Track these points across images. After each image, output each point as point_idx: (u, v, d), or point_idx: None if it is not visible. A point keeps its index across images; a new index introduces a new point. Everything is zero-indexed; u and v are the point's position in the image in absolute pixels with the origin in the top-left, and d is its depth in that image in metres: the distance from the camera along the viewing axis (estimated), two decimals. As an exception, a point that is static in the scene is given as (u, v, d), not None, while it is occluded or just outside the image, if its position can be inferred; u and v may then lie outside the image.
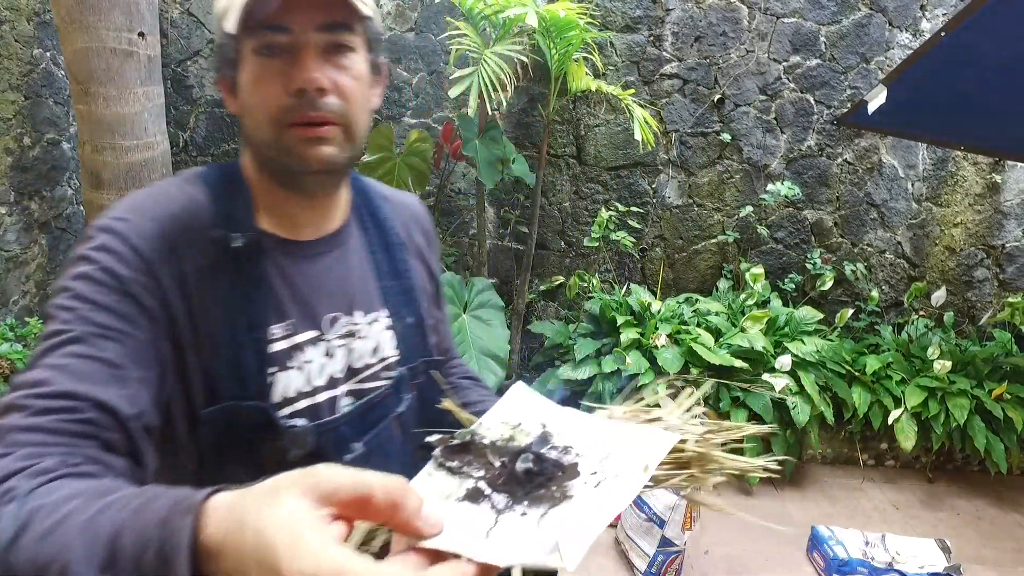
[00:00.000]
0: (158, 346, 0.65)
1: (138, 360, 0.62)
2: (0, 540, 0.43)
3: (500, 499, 0.44)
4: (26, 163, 2.92)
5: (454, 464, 0.47)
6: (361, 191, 0.89)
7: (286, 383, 0.73)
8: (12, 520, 0.44)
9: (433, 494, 0.45)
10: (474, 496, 0.44)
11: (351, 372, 0.80)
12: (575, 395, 3.07)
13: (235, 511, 0.39)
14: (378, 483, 0.38)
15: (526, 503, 0.43)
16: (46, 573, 0.41)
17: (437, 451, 0.47)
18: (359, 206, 0.87)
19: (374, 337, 0.82)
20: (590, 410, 0.58)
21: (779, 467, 0.67)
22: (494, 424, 0.50)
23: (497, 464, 0.46)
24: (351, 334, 0.80)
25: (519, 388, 0.54)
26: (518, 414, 0.51)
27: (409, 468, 0.77)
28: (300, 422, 0.73)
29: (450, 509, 0.43)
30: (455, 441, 0.48)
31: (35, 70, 2.95)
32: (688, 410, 0.89)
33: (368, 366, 0.82)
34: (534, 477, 0.45)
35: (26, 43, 2.89)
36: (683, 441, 0.69)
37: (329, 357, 0.77)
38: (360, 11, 0.68)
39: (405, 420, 0.87)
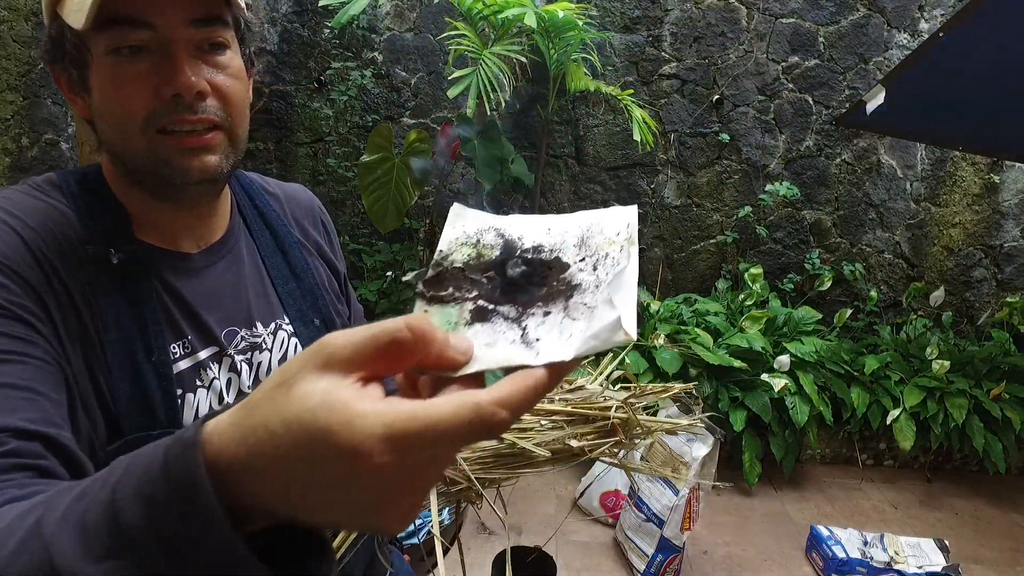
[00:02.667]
0: (63, 369, 0.57)
1: (46, 382, 0.55)
2: None
3: (509, 310, 0.41)
4: (24, 163, 2.92)
5: (444, 292, 0.43)
6: (244, 190, 0.82)
7: (195, 404, 0.68)
8: None
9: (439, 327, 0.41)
10: (481, 315, 0.41)
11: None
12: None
13: (247, 423, 0.33)
14: (399, 324, 0.33)
15: (539, 304, 0.41)
16: None
17: (419, 286, 0.44)
18: (244, 207, 0.80)
19: (279, 348, 0.78)
20: None
21: (695, 395, 0.69)
22: (452, 248, 0.47)
23: (484, 280, 0.43)
24: (254, 347, 0.75)
25: (457, 208, 0.50)
26: (470, 232, 0.48)
27: None
28: None
29: (465, 335, 0.40)
30: (429, 272, 0.45)
31: (33, 70, 2.94)
32: (608, 376, 0.90)
33: None
34: (531, 278, 0.43)
35: (24, 43, 2.88)
36: (606, 408, 0.70)
37: (235, 372, 0.72)
38: (234, 0, 0.62)
39: None
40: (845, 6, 3.32)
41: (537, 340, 0.38)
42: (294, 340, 0.79)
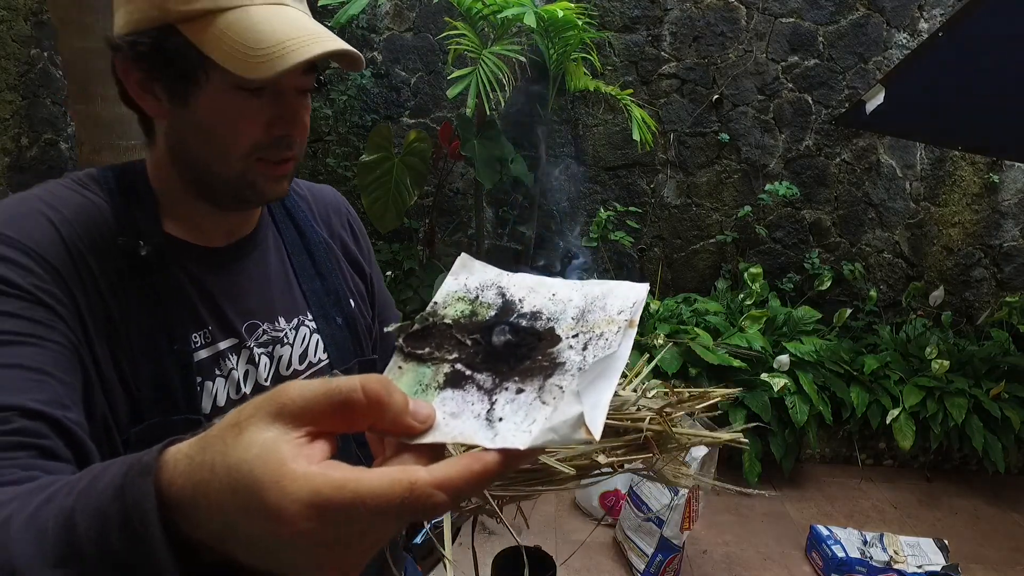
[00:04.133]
0: (80, 355, 0.60)
1: (59, 365, 0.57)
2: None
3: (485, 379, 0.39)
4: (24, 163, 2.91)
5: (423, 351, 0.41)
6: None
7: (214, 392, 0.71)
8: None
9: (409, 387, 0.40)
10: (455, 380, 0.39)
11: (279, 379, 0.76)
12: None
13: (198, 458, 0.33)
14: (354, 385, 0.33)
15: (516, 379, 0.39)
16: None
17: (400, 340, 0.42)
18: (273, 206, 0.84)
19: (300, 343, 0.80)
20: None
21: (745, 441, 0.65)
22: (449, 301, 0.45)
23: (469, 342, 0.41)
24: (275, 341, 0.77)
25: (463, 259, 0.49)
26: (471, 286, 0.47)
27: (353, 450, 0.78)
28: None
29: (435, 400, 0.38)
30: (415, 326, 0.43)
31: (32, 70, 2.94)
32: (644, 379, 0.85)
33: (297, 373, 0.79)
34: (515, 349, 0.40)
35: (23, 43, 2.88)
36: (639, 420, 0.67)
37: (253, 364, 0.75)
38: (359, 62, 0.67)
39: None
40: (844, 6, 3.32)
41: (500, 420, 0.36)
42: (316, 336, 0.82)
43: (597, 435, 0.33)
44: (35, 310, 0.58)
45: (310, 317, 0.82)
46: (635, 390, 0.80)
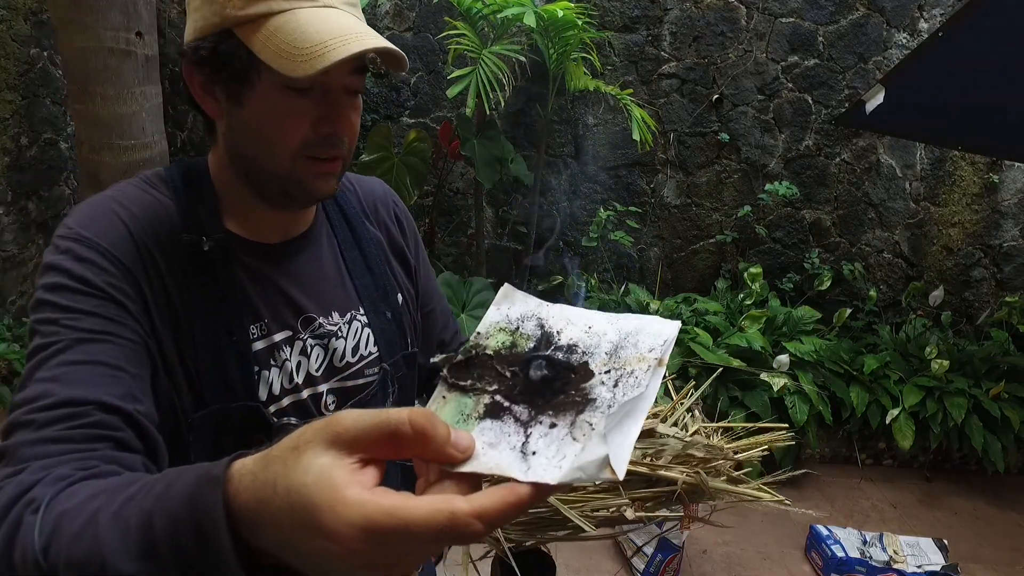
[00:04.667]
0: (148, 347, 0.65)
1: (131, 359, 0.63)
2: (33, 549, 0.44)
3: (522, 411, 0.42)
4: (23, 163, 2.91)
5: (465, 382, 0.44)
6: None
7: (270, 381, 0.75)
8: (40, 529, 0.44)
9: (451, 416, 0.43)
10: (494, 411, 0.42)
11: (332, 371, 0.81)
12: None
13: (261, 475, 0.37)
14: (402, 418, 0.36)
15: (550, 412, 0.41)
16: (85, 572, 0.42)
17: (444, 371, 0.45)
18: (327, 203, 0.87)
19: (353, 336, 0.83)
20: None
21: (787, 501, 0.61)
22: (491, 331, 0.48)
23: (508, 374, 0.44)
24: (329, 334, 0.81)
25: (506, 289, 0.51)
26: (512, 317, 0.49)
27: (398, 463, 0.76)
28: (293, 420, 0.74)
29: (474, 429, 0.41)
30: (459, 357, 0.46)
31: (32, 70, 2.94)
32: (686, 411, 0.82)
33: (349, 365, 0.83)
34: (551, 383, 0.43)
35: (23, 42, 2.88)
36: (671, 468, 0.63)
37: (305, 356, 0.78)
38: (403, 62, 0.69)
39: None
40: (844, 6, 3.32)
41: (533, 454, 0.39)
42: (367, 331, 0.85)
43: (621, 475, 0.36)
44: (109, 307, 0.63)
45: (362, 312, 0.85)
46: (676, 423, 0.76)
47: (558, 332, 0.47)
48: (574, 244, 3.59)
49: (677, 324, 0.47)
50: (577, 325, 0.48)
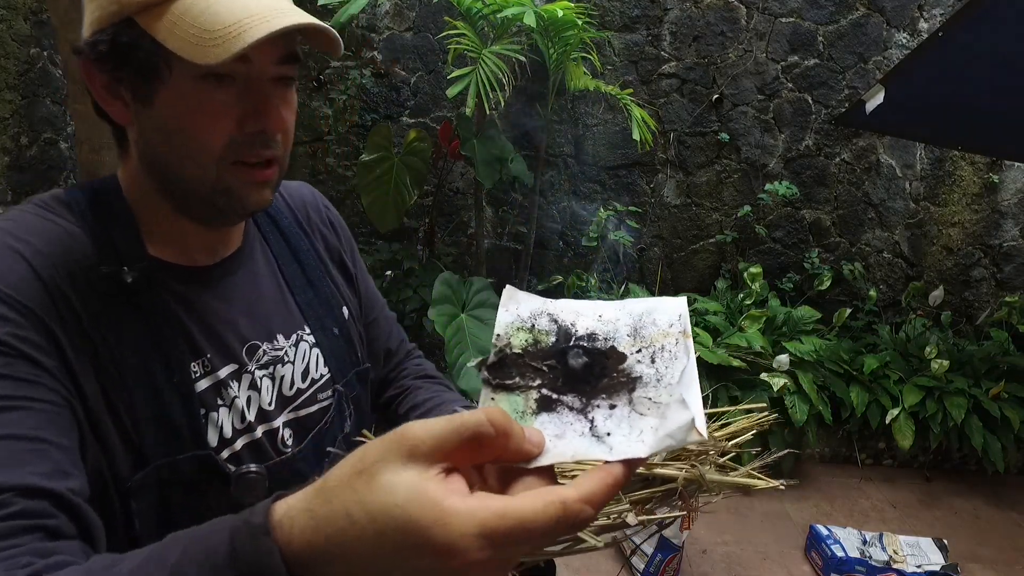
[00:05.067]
0: (72, 407, 0.55)
1: (54, 426, 0.52)
2: None
3: (573, 400, 0.42)
4: (23, 163, 2.91)
5: (510, 380, 0.44)
6: None
7: (219, 424, 0.66)
8: None
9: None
10: (547, 405, 0.42)
11: (284, 401, 0.73)
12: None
13: (324, 510, 0.34)
14: (481, 419, 0.35)
15: (603, 396, 0.42)
16: None
17: (484, 373, 0.44)
18: (258, 216, 0.78)
19: (301, 359, 0.75)
20: None
21: (780, 483, 0.59)
22: (509, 332, 0.48)
23: (545, 368, 0.44)
24: (276, 361, 0.73)
25: (509, 291, 0.52)
26: (524, 315, 0.49)
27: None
28: (252, 467, 0.66)
29: (534, 424, 0.41)
30: (491, 359, 0.45)
31: (32, 69, 2.94)
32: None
33: (300, 392, 0.75)
34: (592, 369, 0.44)
35: (23, 42, 2.88)
36: (670, 466, 0.63)
37: (255, 390, 0.70)
38: (336, 44, 0.61)
39: (351, 439, 0.80)
40: (844, 5, 3.32)
41: (608, 435, 0.39)
42: (315, 351, 0.77)
43: (705, 434, 0.38)
44: (17, 365, 0.52)
45: (308, 331, 0.77)
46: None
47: (572, 324, 0.47)
48: (574, 244, 3.59)
49: (684, 299, 0.48)
50: (588, 316, 0.48)
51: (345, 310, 0.84)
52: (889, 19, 3.33)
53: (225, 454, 0.65)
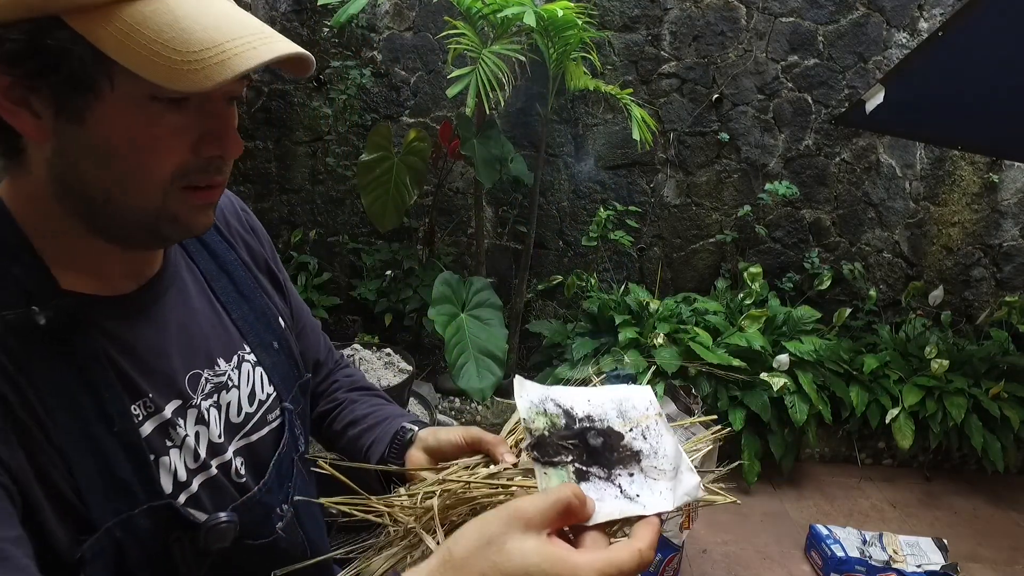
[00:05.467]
0: (7, 488, 0.48)
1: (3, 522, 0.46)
2: None
3: (598, 471, 0.53)
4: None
5: (554, 459, 0.54)
6: None
7: (172, 468, 0.60)
8: None
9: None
10: (582, 476, 0.53)
11: (232, 429, 0.67)
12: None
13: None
14: (567, 494, 0.46)
15: (619, 466, 0.54)
16: None
17: (535, 454, 0.54)
18: None
19: (246, 382, 0.70)
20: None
21: (736, 500, 0.65)
22: (531, 417, 0.57)
23: (571, 446, 0.55)
24: (220, 388, 0.67)
25: (518, 380, 0.61)
26: (535, 401, 0.59)
27: (317, 507, 0.76)
28: (223, 516, 0.61)
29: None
30: (533, 441, 0.55)
31: (32, 69, 2.94)
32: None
33: (249, 417, 0.70)
34: (607, 446, 0.55)
35: (23, 42, 2.88)
36: None
37: (203, 424, 0.64)
38: (309, 66, 0.55)
39: (304, 458, 0.77)
40: (844, 5, 3.32)
41: (637, 496, 0.52)
42: (259, 369, 0.72)
43: (702, 490, 0.54)
44: None
45: (248, 350, 0.72)
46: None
47: (571, 408, 0.59)
48: (574, 244, 3.59)
49: (649, 388, 0.63)
50: (580, 400, 0.60)
51: (281, 321, 0.78)
52: (889, 19, 3.33)
53: (182, 498, 0.60)
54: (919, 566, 2.33)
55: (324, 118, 3.41)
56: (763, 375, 2.89)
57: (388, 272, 3.42)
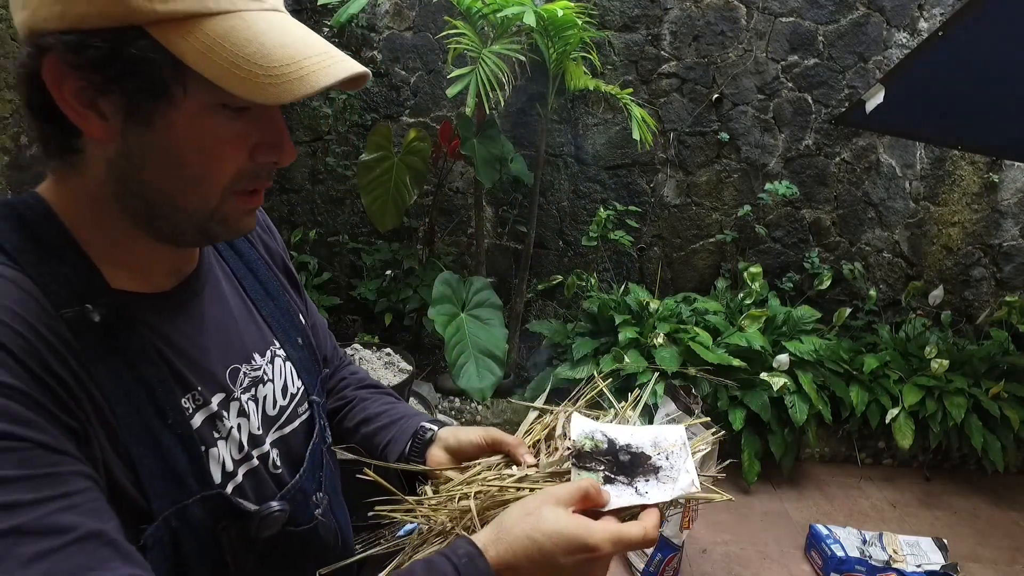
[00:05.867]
0: (92, 479, 0.50)
1: (105, 512, 0.49)
2: None
3: (622, 478, 0.69)
4: (23, 161, 2.91)
5: (589, 464, 0.70)
6: None
7: (221, 459, 0.62)
8: None
9: None
10: (609, 480, 0.68)
11: (268, 421, 0.70)
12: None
13: (510, 537, 0.59)
14: (587, 484, 0.64)
15: (640, 478, 0.69)
16: None
17: (574, 460, 0.70)
18: None
19: (280, 376, 0.73)
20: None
21: (730, 497, 0.75)
22: (580, 440, 0.73)
23: (604, 460, 0.71)
24: (257, 382, 0.69)
25: (575, 416, 0.78)
26: (587, 431, 0.75)
27: (342, 494, 0.84)
28: (275, 505, 0.64)
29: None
30: (575, 452, 0.72)
31: (32, 69, 2.94)
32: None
33: (283, 409, 0.73)
34: (632, 462, 0.71)
35: (23, 41, 2.88)
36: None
37: (244, 416, 0.67)
38: (366, 80, 0.58)
39: (330, 448, 0.81)
40: (844, 5, 3.32)
41: (646, 493, 0.67)
42: (288, 364, 0.75)
43: (699, 487, 0.69)
44: (43, 456, 0.46)
45: (278, 345, 0.74)
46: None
47: (616, 438, 0.74)
48: (574, 243, 3.59)
49: (683, 427, 0.77)
50: (624, 433, 0.75)
51: (301, 317, 0.81)
52: (889, 19, 3.33)
53: (229, 488, 0.62)
54: (919, 566, 2.33)
55: (324, 118, 3.41)
56: (763, 375, 2.89)
57: (388, 272, 3.42)
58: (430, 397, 3.03)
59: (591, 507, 0.63)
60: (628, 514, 0.66)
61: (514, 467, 0.74)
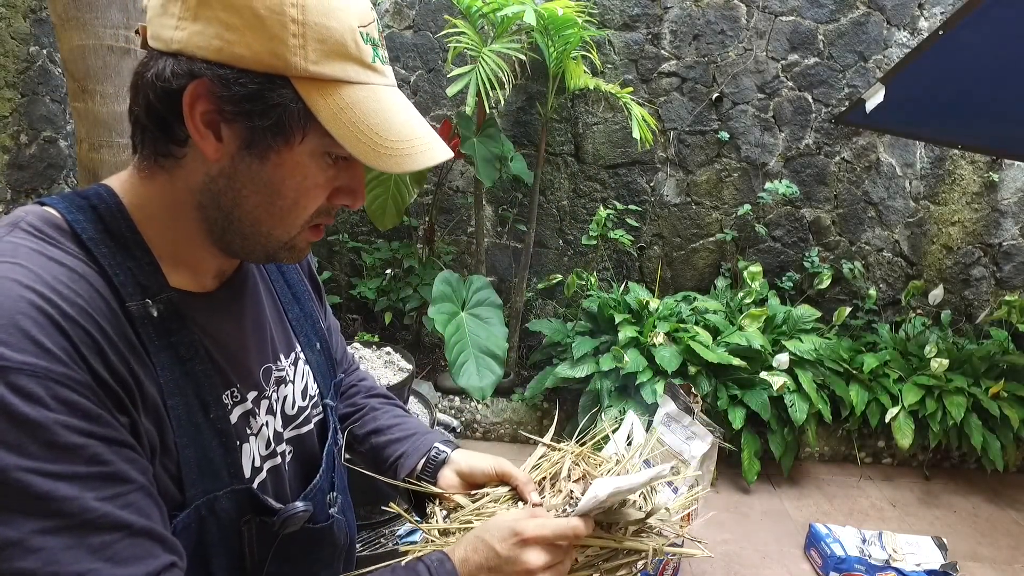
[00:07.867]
0: (148, 480, 0.55)
1: (156, 507, 0.54)
2: None
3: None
4: (23, 161, 2.91)
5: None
6: None
7: (252, 455, 0.66)
8: None
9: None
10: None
11: (287, 420, 0.74)
12: (573, 393, 3.07)
13: (464, 541, 0.71)
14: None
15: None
16: None
17: (569, 507, 0.76)
18: None
19: (301, 378, 0.76)
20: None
21: (710, 554, 0.80)
22: (588, 508, 0.74)
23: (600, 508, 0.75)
24: (280, 381, 0.73)
25: (599, 482, 0.77)
26: (599, 497, 0.73)
27: (349, 492, 0.90)
28: (299, 505, 0.68)
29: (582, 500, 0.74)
30: (578, 501, 0.76)
31: (31, 67, 2.94)
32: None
33: (301, 410, 0.76)
34: (615, 504, 0.77)
35: (22, 40, 2.88)
36: (638, 535, 0.81)
37: (272, 414, 0.71)
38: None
39: (340, 450, 0.85)
40: (844, 4, 3.32)
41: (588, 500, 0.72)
42: (307, 367, 0.78)
43: (604, 493, 0.70)
44: (103, 449, 0.50)
45: (299, 348, 0.78)
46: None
47: (618, 488, 0.73)
48: (574, 243, 3.59)
49: (668, 465, 0.82)
50: (626, 484, 0.74)
51: (321, 323, 0.84)
52: (889, 18, 3.33)
53: (256, 483, 0.66)
54: (918, 565, 2.33)
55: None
56: (763, 374, 2.89)
57: (388, 271, 3.42)
58: (430, 396, 3.03)
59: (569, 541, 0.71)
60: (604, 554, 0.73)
61: (520, 503, 0.79)
